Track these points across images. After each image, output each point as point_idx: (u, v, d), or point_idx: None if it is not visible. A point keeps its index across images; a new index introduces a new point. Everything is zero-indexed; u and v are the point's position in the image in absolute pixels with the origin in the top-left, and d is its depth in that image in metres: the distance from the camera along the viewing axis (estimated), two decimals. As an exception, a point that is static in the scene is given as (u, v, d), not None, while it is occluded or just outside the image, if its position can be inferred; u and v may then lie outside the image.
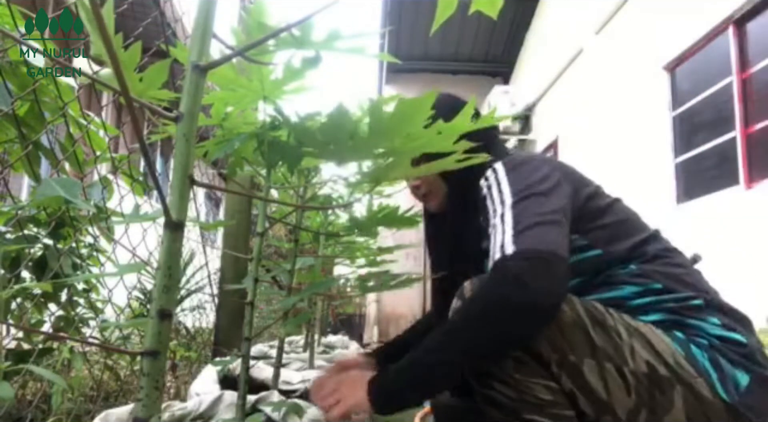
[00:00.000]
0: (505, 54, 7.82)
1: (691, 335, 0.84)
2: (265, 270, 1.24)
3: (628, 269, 0.90)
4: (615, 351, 0.80)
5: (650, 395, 0.79)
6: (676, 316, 0.86)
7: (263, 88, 0.74)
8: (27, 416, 1.21)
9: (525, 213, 0.83)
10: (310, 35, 0.58)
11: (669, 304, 0.87)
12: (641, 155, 4.33)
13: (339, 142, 0.62)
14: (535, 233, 0.80)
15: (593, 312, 0.83)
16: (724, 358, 0.81)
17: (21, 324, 1.27)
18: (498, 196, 0.90)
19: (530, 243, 0.79)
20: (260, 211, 0.92)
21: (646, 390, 0.79)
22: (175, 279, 0.46)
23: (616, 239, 0.92)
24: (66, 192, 0.54)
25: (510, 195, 0.87)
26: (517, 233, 0.81)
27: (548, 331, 0.80)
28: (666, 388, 0.79)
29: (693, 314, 0.86)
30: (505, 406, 0.82)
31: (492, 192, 0.91)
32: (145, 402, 0.44)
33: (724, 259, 3.10)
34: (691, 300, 0.87)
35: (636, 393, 0.79)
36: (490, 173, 0.95)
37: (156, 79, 0.63)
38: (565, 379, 0.80)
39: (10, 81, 1.09)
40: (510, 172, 0.92)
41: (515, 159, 0.95)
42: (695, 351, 0.81)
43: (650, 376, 0.79)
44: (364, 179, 0.75)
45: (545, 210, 0.84)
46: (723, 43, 3.54)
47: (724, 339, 0.83)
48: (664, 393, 0.79)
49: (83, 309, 1.41)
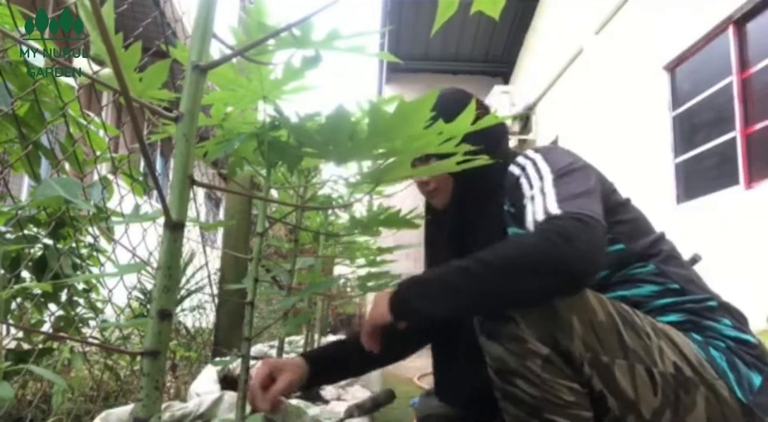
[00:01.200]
0: (505, 54, 7.83)
1: (708, 337, 0.86)
2: (265, 270, 1.24)
3: (647, 268, 0.92)
4: (645, 351, 0.81)
5: (675, 395, 0.80)
6: (693, 317, 0.88)
7: (263, 87, 0.74)
8: (27, 416, 1.21)
9: (567, 186, 0.84)
10: (310, 35, 0.58)
11: (687, 305, 0.89)
12: (641, 155, 4.33)
13: (338, 143, 0.62)
14: (580, 202, 0.80)
15: (623, 313, 0.84)
16: (739, 360, 0.83)
17: (21, 324, 1.27)
18: (535, 173, 0.90)
19: (577, 207, 0.78)
20: (260, 211, 0.92)
21: (672, 391, 0.80)
22: (175, 279, 0.46)
23: (636, 236, 0.94)
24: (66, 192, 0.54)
25: (549, 172, 0.88)
26: (561, 199, 0.81)
27: (582, 330, 0.80)
28: (690, 389, 0.80)
29: (708, 315, 0.88)
30: (527, 404, 0.82)
31: (527, 172, 0.92)
32: (145, 402, 0.44)
33: (724, 259, 3.09)
34: (706, 301, 0.89)
35: (662, 393, 0.80)
36: (522, 159, 0.96)
37: (155, 80, 0.63)
38: (596, 380, 0.80)
39: (10, 81, 1.09)
40: (546, 154, 0.94)
41: (544, 147, 0.98)
42: (714, 354, 0.83)
43: (677, 377, 0.80)
44: (364, 179, 0.75)
45: (587, 185, 0.85)
46: (723, 43, 3.54)
47: (738, 341, 0.85)
48: (688, 394, 0.80)
49: (83, 309, 1.41)
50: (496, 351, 0.83)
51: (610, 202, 0.93)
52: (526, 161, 0.95)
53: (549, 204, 0.81)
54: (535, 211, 0.83)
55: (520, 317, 0.80)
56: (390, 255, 1.48)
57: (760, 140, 3.22)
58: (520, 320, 0.80)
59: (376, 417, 1.27)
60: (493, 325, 0.83)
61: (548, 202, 0.82)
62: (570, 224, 0.75)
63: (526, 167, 0.93)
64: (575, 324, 0.80)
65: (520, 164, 0.95)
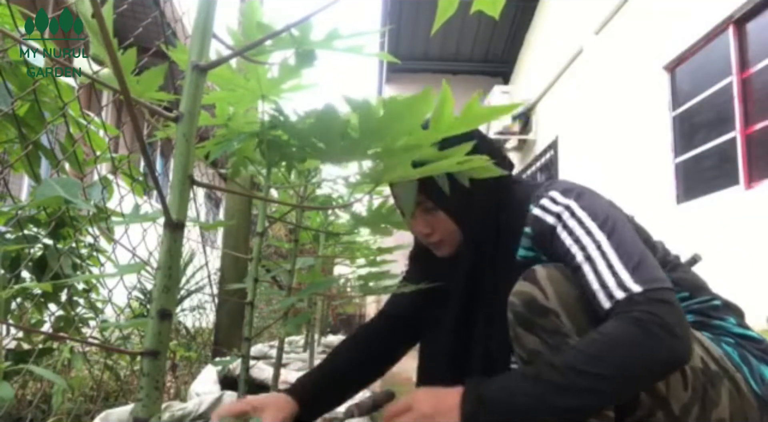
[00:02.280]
0: (505, 54, 7.83)
1: (718, 334, 0.88)
2: (265, 270, 1.24)
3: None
4: None
5: (704, 390, 0.80)
6: (701, 317, 0.90)
7: (260, 87, 0.74)
8: (27, 416, 1.21)
9: (625, 246, 0.79)
10: (310, 35, 0.58)
11: (694, 306, 0.91)
12: (641, 155, 4.33)
13: (330, 143, 0.62)
14: (649, 270, 0.76)
15: None
16: (749, 354, 0.85)
17: (21, 324, 1.27)
18: (579, 226, 0.83)
19: (652, 280, 0.75)
20: (260, 211, 0.92)
21: (701, 385, 0.80)
22: (175, 279, 0.46)
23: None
24: (66, 192, 0.54)
25: (597, 228, 0.81)
26: (631, 268, 0.76)
27: None
28: (716, 383, 0.81)
29: (715, 314, 0.90)
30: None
31: (566, 223, 0.84)
32: (145, 402, 0.44)
33: (724, 259, 3.09)
34: (711, 301, 0.91)
35: (692, 388, 0.80)
36: (550, 203, 0.88)
37: (153, 82, 0.63)
38: None
39: (10, 81, 1.09)
40: (578, 199, 0.86)
41: (566, 186, 0.90)
42: (727, 348, 0.85)
43: (705, 371, 0.81)
44: (364, 179, 0.75)
45: (635, 238, 0.81)
46: (723, 43, 3.54)
47: (744, 337, 0.88)
48: (714, 388, 0.81)
49: (83, 309, 1.41)
50: (532, 344, 0.82)
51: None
52: (558, 207, 0.86)
53: (621, 274, 0.76)
54: (605, 281, 0.77)
55: (561, 310, 0.80)
56: (390, 255, 1.48)
57: (760, 140, 3.22)
58: (562, 313, 0.80)
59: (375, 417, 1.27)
60: (531, 317, 0.81)
61: (619, 272, 0.76)
62: (662, 310, 0.72)
63: (562, 216, 0.85)
64: None
65: (552, 211, 0.87)
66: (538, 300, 0.81)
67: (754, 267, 3.02)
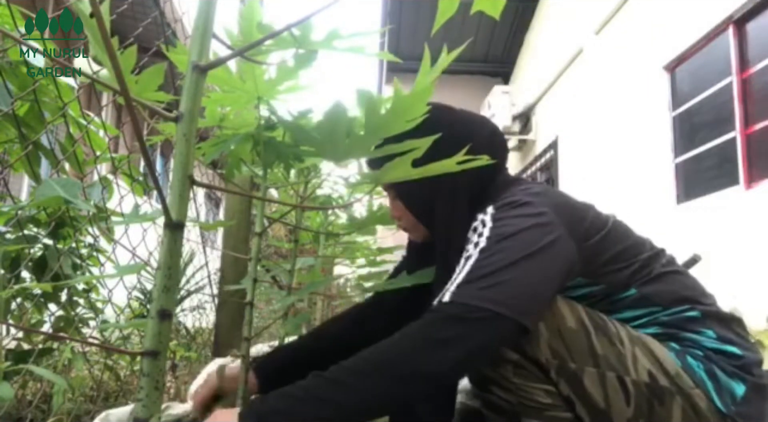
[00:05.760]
0: (505, 54, 7.82)
1: (686, 346, 0.83)
2: (265, 271, 1.24)
3: (629, 292, 0.86)
4: (617, 359, 0.79)
5: (650, 406, 0.78)
6: (671, 330, 0.85)
7: (257, 88, 0.74)
8: (27, 416, 1.21)
9: (487, 261, 0.74)
10: (310, 35, 0.58)
11: (662, 318, 0.85)
12: (641, 155, 4.33)
13: (335, 141, 0.62)
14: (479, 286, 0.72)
15: (596, 319, 0.81)
16: (719, 369, 0.80)
17: (21, 324, 1.27)
18: (475, 236, 0.80)
19: (463, 297, 0.71)
20: (258, 211, 0.92)
21: (646, 401, 0.78)
22: (175, 279, 0.46)
23: (617, 271, 0.86)
24: (66, 192, 0.54)
25: (485, 238, 0.78)
26: (462, 282, 0.73)
27: (549, 337, 0.79)
28: (666, 399, 0.78)
29: (688, 327, 0.84)
30: (506, 411, 0.82)
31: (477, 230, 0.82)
32: (145, 402, 0.44)
33: (724, 259, 3.10)
34: (686, 312, 0.85)
35: (635, 403, 0.78)
36: (483, 213, 0.84)
37: (152, 82, 0.63)
38: (564, 386, 0.79)
39: (10, 81, 1.09)
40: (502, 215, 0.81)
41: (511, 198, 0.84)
42: (691, 362, 0.80)
43: (651, 386, 0.78)
44: (364, 179, 0.75)
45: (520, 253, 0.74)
46: (723, 43, 3.54)
47: (718, 352, 0.82)
48: (663, 404, 0.78)
49: (83, 309, 1.41)
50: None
51: (589, 256, 0.84)
52: (484, 216, 0.83)
53: (453, 284, 0.73)
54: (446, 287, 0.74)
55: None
56: (390, 255, 1.48)
57: (760, 140, 3.22)
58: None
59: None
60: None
61: (455, 281, 0.73)
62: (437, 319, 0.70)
63: (477, 227, 0.82)
64: (542, 331, 0.78)
65: (481, 219, 0.83)
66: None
67: (754, 267, 3.02)
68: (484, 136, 0.94)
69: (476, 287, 0.71)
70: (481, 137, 0.93)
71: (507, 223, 0.78)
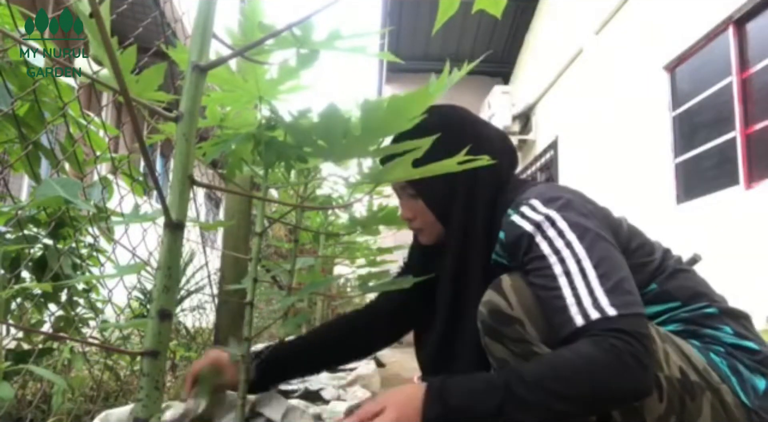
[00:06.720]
0: (505, 54, 7.82)
1: (707, 343, 0.85)
2: (265, 271, 1.24)
3: (650, 288, 0.89)
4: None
5: (681, 402, 0.78)
6: (691, 326, 0.87)
7: (258, 88, 0.74)
8: (27, 416, 1.21)
9: (604, 263, 0.76)
10: (311, 35, 0.58)
11: (683, 315, 0.87)
12: (641, 155, 4.33)
13: (332, 141, 0.62)
14: (624, 292, 0.75)
15: None
16: (741, 364, 0.81)
17: (21, 324, 1.27)
18: (558, 237, 0.79)
19: (628, 306, 0.73)
20: (258, 211, 0.92)
21: (677, 397, 0.78)
22: (175, 279, 0.46)
23: (641, 267, 0.88)
24: (66, 192, 0.54)
25: (576, 240, 0.78)
26: (608, 290, 0.74)
27: None
28: (696, 394, 0.78)
29: (708, 323, 0.86)
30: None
31: (546, 233, 0.81)
32: (145, 402, 0.44)
33: (724, 259, 3.09)
34: (704, 309, 0.87)
35: (668, 399, 0.78)
36: (529, 211, 0.83)
37: (152, 82, 0.63)
38: None
39: (10, 81, 1.09)
40: (560, 210, 0.82)
41: (548, 193, 0.86)
42: (714, 358, 0.82)
43: (683, 382, 0.78)
44: (364, 179, 0.75)
45: (617, 258, 0.79)
46: (723, 43, 3.54)
47: (737, 347, 0.84)
48: (694, 400, 0.78)
49: (83, 309, 1.41)
50: (500, 353, 0.82)
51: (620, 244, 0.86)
52: (538, 216, 0.82)
53: (597, 294, 0.74)
54: (580, 298, 0.74)
55: (525, 318, 0.79)
56: (390, 255, 1.48)
57: (760, 140, 3.22)
58: (526, 322, 0.79)
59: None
60: (497, 326, 0.81)
61: (595, 290, 0.74)
62: (635, 340, 0.71)
63: (542, 225, 0.81)
64: None
65: (532, 219, 0.82)
66: (502, 310, 0.81)
67: (754, 267, 3.02)
68: (500, 139, 1.00)
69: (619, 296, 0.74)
70: (497, 139, 0.99)
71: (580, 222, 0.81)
